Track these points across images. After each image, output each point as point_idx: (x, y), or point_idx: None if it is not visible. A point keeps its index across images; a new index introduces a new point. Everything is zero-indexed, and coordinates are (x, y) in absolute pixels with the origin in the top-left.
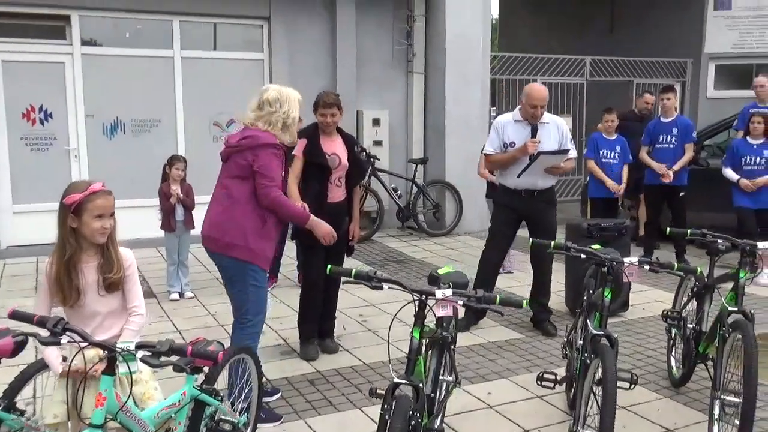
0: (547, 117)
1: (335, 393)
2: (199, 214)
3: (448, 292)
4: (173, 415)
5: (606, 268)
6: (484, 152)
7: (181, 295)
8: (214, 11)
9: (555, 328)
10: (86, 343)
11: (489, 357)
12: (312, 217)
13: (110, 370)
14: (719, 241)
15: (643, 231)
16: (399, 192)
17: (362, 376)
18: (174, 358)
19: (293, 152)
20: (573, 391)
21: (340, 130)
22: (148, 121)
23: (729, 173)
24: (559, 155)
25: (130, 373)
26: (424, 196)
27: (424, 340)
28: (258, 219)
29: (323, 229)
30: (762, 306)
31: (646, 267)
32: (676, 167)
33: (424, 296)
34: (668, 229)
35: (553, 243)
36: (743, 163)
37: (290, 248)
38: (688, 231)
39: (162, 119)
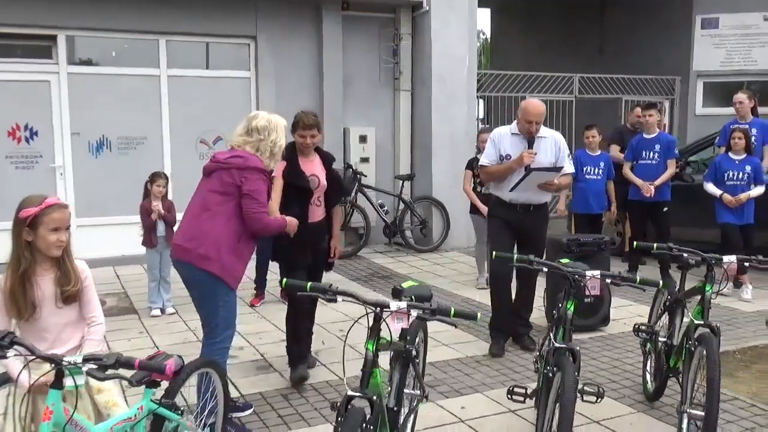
0: (545, 131)
1: (308, 407)
2: None
3: (402, 304)
4: (129, 430)
5: (569, 281)
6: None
7: (163, 311)
8: (201, 30)
9: (534, 342)
10: (33, 357)
11: (465, 371)
12: (287, 219)
13: (58, 383)
14: (684, 254)
15: (627, 247)
16: (386, 208)
17: (336, 390)
18: (122, 371)
19: (273, 173)
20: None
21: (317, 149)
22: (134, 138)
23: (711, 188)
24: (552, 172)
25: (76, 386)
26: (411, 212)
27: (387, 353)
28: (233, 236)
29: (293, 223)
30: (744, 321)
31: (608, 280)
32: (657, 182)
33: (378, 308)
34: (635, 243)
35: (515, 257)
36: (726, 178)
37: (274, 265)
38: (654, 245)
39: (148, 137)
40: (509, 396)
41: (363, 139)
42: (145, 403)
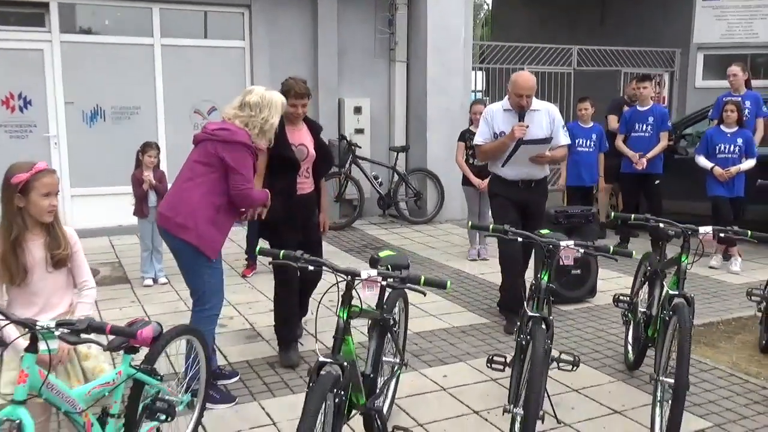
0: (538, 104)
1: (293, 375)
2: None
3: (373, 272)
4: (107, 394)
5: (543, 251)
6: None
7: (155, 281)
8: None
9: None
10: (8, 321)
11: (450, 341)
12: (266, 192)
13: (32, 347)
14: (661, 225)
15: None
16: (380, 180)
17: None
18: (96, 336)
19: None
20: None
21: (305, 118)
22: (128, 108)
23: (702, 161)
24: (542, 144)
25: (49, 351)
26: (406, 184)
27: (372, 322)
28: (212, 207)
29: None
30: (731, 293)
31: (581, 250)
32: (649, 155)
33: (350, 277)
34: (612, 214)
35: (491, 226)
36: (717, 151)
37: None
38: (632, 216)
39: (142, 107)
40: (489, 365)
41: (358, 110)
42: (124, 369)
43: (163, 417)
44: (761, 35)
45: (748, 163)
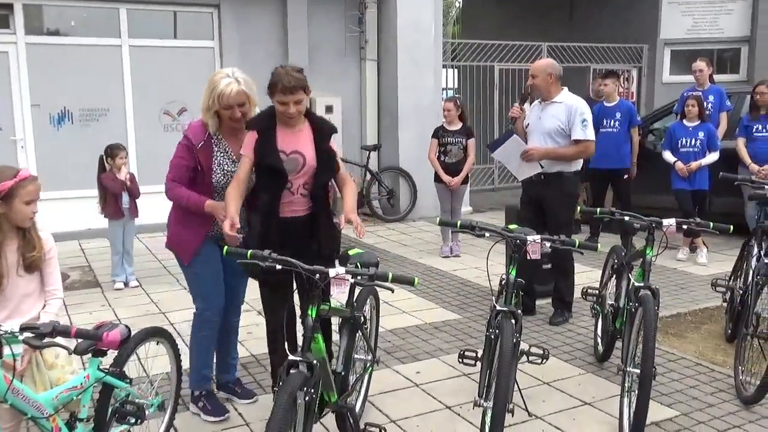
0: (562, 97)
1: (266, 376)
2: (145, 203)
3: (342, 270)
4: (75, 398)
5: (511, 246)
6: None
7: (126, 284)
8: None
9: (563, 316)
10: None
11: (423, 338)
12: (209, 200)
13: None
14: (626, 218)
15: None
16: (353, 178)
17: None
18: (59, 339)
19: (241, 151)
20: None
21: (310, 115)
22: (96, 110)
23: (667, 156)
24: (509, 142)
25: (13, 356)
26: (378, 182)
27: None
28: (179, 207)
29: (219, 209)
30: (697, 284)
31: (549, 245)
32: (634, 159)
33: (318, 275)
34: (579, 208)
35: (459, 222)
36: (680, 145)
37: None
38: (598, 210)
39: (110, 108)
40: (460, 360)
41: (329, 109)
42: (91, 372)
43: (132, 420)
44: (726, 31)
45: (711, 157)
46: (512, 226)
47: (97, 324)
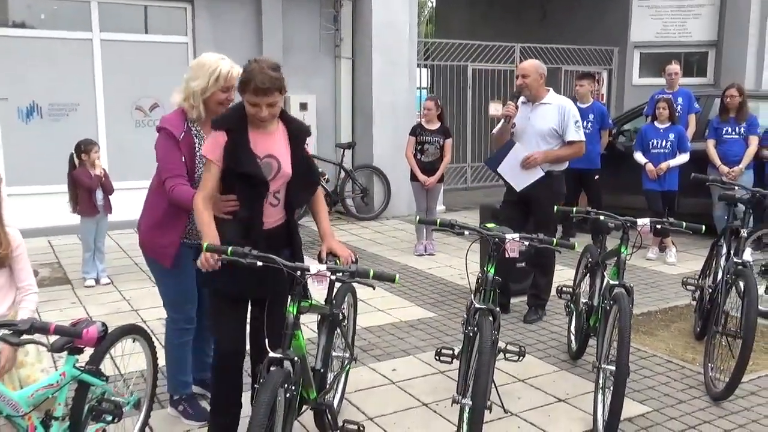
0: (552, 98)
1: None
2: (116, 200)
3: (322, 267)
4: (50, 396)
5: (490, 244)
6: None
7: (97, 281)
8: None
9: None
10: None
11: (399, 336)
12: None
13: None
14: (602, 218)
15: None
16: (327, 177)
17: None
18: (37, 336)
19: (202, 151)
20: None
21: (283, 115)
22: (66, 105)
23: (638, 157)
24: (511, 154)
25: None
26: (352, 180)
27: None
28: (155, 209)
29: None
30: (667, 283)
31: (526, 243)
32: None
33: (299, 272)
34: (555, 208)
35: (438, 220)
36: (651, 146)
37: None
38: (574, 209)
39: (81, 103)
40: (437, 357)
41: (303, 106)
42: (68, 370)
43: (109, 418)
44: (694, 35)
45: (681, 158)
46: (490, 225)
47: (73, 321)
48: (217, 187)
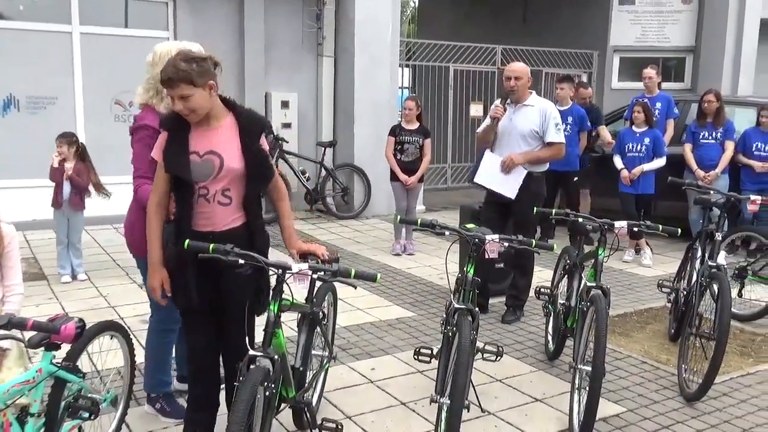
0: (534, 100)
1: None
2: (94, 195)
3: (304, 265)
4: (27, 393)
5: (470, 245)
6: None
7: (74, 277)
8: None
9: (515, 315)
10: None
11: (378, 335)
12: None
13: None
14: (580, 220)
15: None
16: (307, 175)
17: None
18: (15, 332)
19: (152, 154)
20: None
21: (232, 106)
22: (44, 98)
23: (616, 160)
24: (486, 164)
25: None
26: (333, 179)
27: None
28: (137, 208)
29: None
30: (643, 285)
31: (506, 244)
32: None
33: (280, 270)
34: (535, 209)
35: (419, 220)
36: (627, 150)
37: None
38: (553, 211)
39: (59, 97)
40: (416, 357)
41: (285, 104)
42: (44, 366)
43: (86, 415)
44: (672, 40)
45: (656, 163)
46: (470, 226)
47: (51, 317)
48: (170, 188)
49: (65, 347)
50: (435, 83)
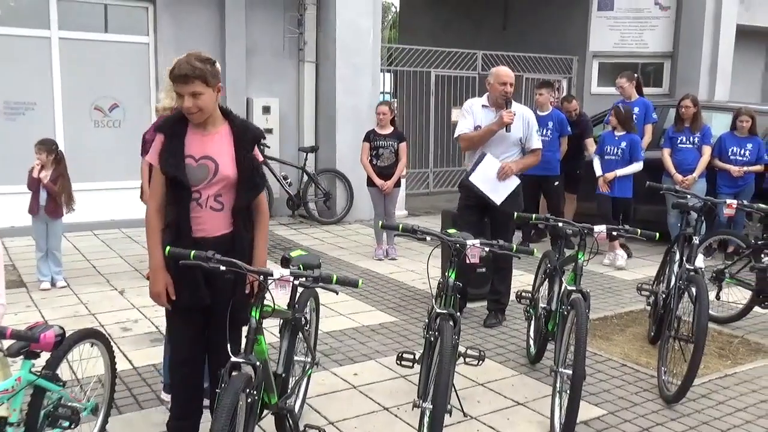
0: (515, 107)
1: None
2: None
3: (286, 271)
4: (5, 402)
5: (451, 250)
6: (457, 134)
7: (53, 284)
8: None
9: (497, 318)
10: None
11: (360, 340)
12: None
13: None
14: (560, 224)
15: None
16: (289, 180)
17: None
18: None
19: (147, 158)
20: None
21: (227, 115)
22: (22, 104)
23: (595, 164)
24: (482, 164)
25: None
26: (315, 184)
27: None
28: None
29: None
30: (623, 288)
31: (487, 249)
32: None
33: (262, 277)
34: (515, 214)
35: (401, 226)
36: (605, 153)
37: None
38: (533, 216)
39: (38, 102)
40: (398, 362)
41: (266, 110)
42: (23, 375)
43: (66, 423)
44: (650, 46)
45: (632, 167)
46: (451, 231)
47: (29, 325)
48: (163, 187)
49: (45, 355)
50: (416, 88)
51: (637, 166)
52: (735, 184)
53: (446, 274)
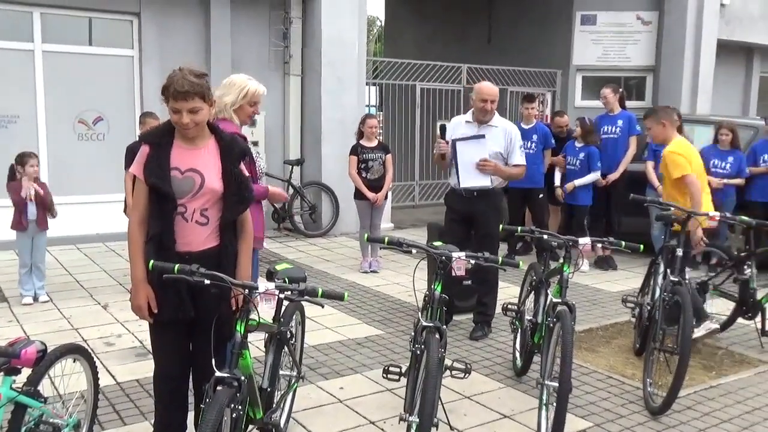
0: (498, 121)
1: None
2: (58, 214)
3: (271, 285)
4: None
5: (437, 262)
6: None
7: (36, 299)
8: (79, 4)
9: (482, 331)
10: None
11: (346, 354)
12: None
13: None
14: (545, 237)
15: None
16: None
17: None
18: None
19: (130, 169)
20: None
21: (218, 133)
22: (5, 117)
23: (556, 176)
24: (475, 142)
25: None
26: (301, 197)
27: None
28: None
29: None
30: (608, 300)
31: (473, 261)
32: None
33: (247, 290)
34: (501, 226)
35: (387, 239)
36: (567, 163)
37: None
38: (519, 228)
39: (21, 115)
40: (385, 375)
41: (252, 123)
42: (4, 391)
43: None
44: (633, 59)
45: (589, 177)
46: (437, 243)
47: (11, 341)
48: (146, 199)
49: (27, 371)
50: (402, 101)
51: (593, 176)
52: (716, 196)
53: (432, 286)
